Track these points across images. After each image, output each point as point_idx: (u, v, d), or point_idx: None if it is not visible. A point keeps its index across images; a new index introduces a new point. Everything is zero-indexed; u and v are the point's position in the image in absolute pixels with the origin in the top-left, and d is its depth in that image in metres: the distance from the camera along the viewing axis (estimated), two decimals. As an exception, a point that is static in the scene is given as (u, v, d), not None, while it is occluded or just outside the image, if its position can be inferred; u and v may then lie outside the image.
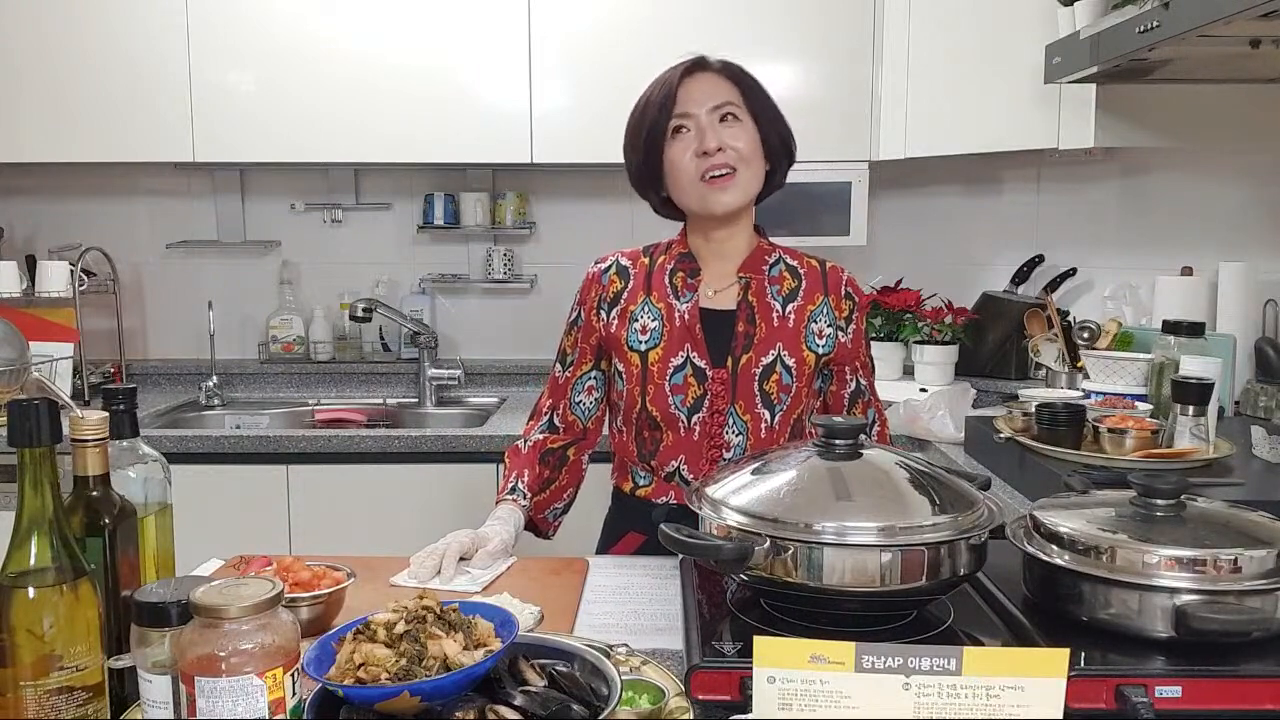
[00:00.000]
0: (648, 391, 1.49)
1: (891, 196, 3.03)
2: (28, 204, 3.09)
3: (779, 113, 1.51)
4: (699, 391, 1.48)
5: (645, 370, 1.49)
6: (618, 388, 1.55)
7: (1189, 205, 2.49)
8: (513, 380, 3.11)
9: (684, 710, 0.91)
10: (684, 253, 1.54)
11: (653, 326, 1.50)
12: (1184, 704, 0.89)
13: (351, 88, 2.68)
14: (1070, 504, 1.11)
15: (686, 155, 1.44)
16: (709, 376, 1.48)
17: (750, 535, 1.00)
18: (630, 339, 1.51)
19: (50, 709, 0.84)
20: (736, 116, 1.45)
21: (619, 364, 1.53)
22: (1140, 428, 1.74)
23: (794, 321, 1.50)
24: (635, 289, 1.53)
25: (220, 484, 2.45)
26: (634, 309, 1.52)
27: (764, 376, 1.48)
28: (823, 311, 1.51)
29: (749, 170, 1.45)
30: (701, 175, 1.43)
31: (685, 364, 1.48)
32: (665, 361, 1.49)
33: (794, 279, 1.53)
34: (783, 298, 1.51)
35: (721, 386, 1.47)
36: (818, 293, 1.52)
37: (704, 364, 1.48)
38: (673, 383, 1.48)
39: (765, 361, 1.48)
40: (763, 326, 1.49)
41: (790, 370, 1.48)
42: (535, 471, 1.57)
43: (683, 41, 1.62)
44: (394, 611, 0.87)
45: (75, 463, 0.94)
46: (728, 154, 1.43)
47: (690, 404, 1.48)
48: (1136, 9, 1.69)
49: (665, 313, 1.50)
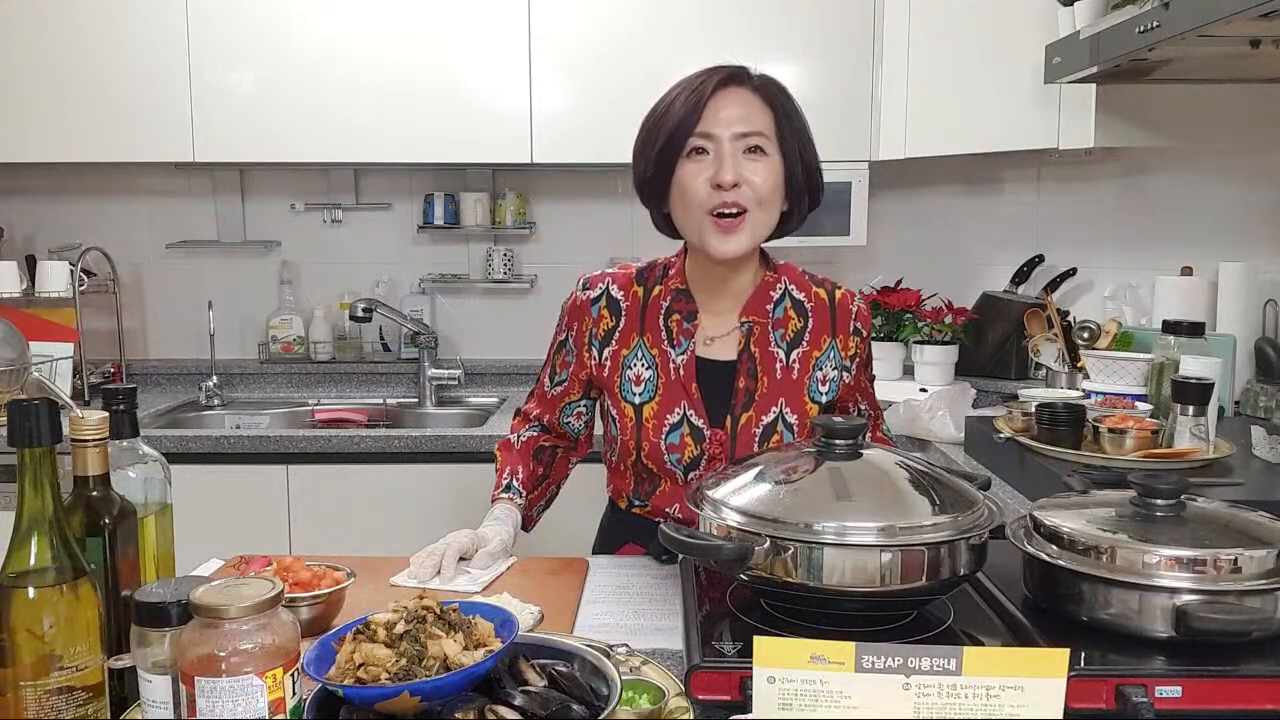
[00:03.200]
0: (643, 446, 1.42)
1: (891, 196, 3.03)
2: (28, 204, 3.09)
3: (811, 145, 1.38)
4: (696, 451, 1.40)
5: (640, 424, 1.42)
6: (611, 432, 1.48)
7: (1189, 205, 2.49)
8: (513, 380, 3.11)
9: (684, 710, 0.91)
10: (680, 289, 1.44)
11: (647, 377, 1.42)
12: (1184, 704, 0.89)
13: (351, 88, 2.68)
14: (1070, 504, 1.11)
15: (699, 180, 1.32)
16: (706, 437, 1.40)
17: (750, 535, 1.00)
18: (624, 390, 1.43)
19: (50, 709, 0.84)
20: (764, 150, 1.32)
21: (612, 409, 1.45)
22: (1140, 428, 1.73)
23: (798, 372, 1.42)
24: (628, 330, 1.44)
25: (220, 484, 2.45)
26: (626, 354, 1.43)
27: (764, 437, 1.40)
28: (829, 357, 1.44)
29: (762, 212, 1.34)
30: (710, 209, 1.32)
31: (681, 422, 1.41)
32: (661, 418, 1.41)
33: (799, 318, 1.44)
34: (786, 344, 1.42)
35: (720, 448, 1.40)
36: (824, 335, 1.44)
37: (701, 423, 1.40)
38: (669, 441, 1.41)
39: (766, 421, 1.41)
40: (764, 381, 1.41)
41: (792, 428, 1.41)
42: (529, 468, 1.55)
43: (682, 42, 1.61)
44: (394, 611, 0.87)
45: (75, 463, 0.94)
46: (742, 191, 1.31)
47: (687, 462, 1.41)
48: (1136, 9, 1.69)
49: (660, 362, 1.42)
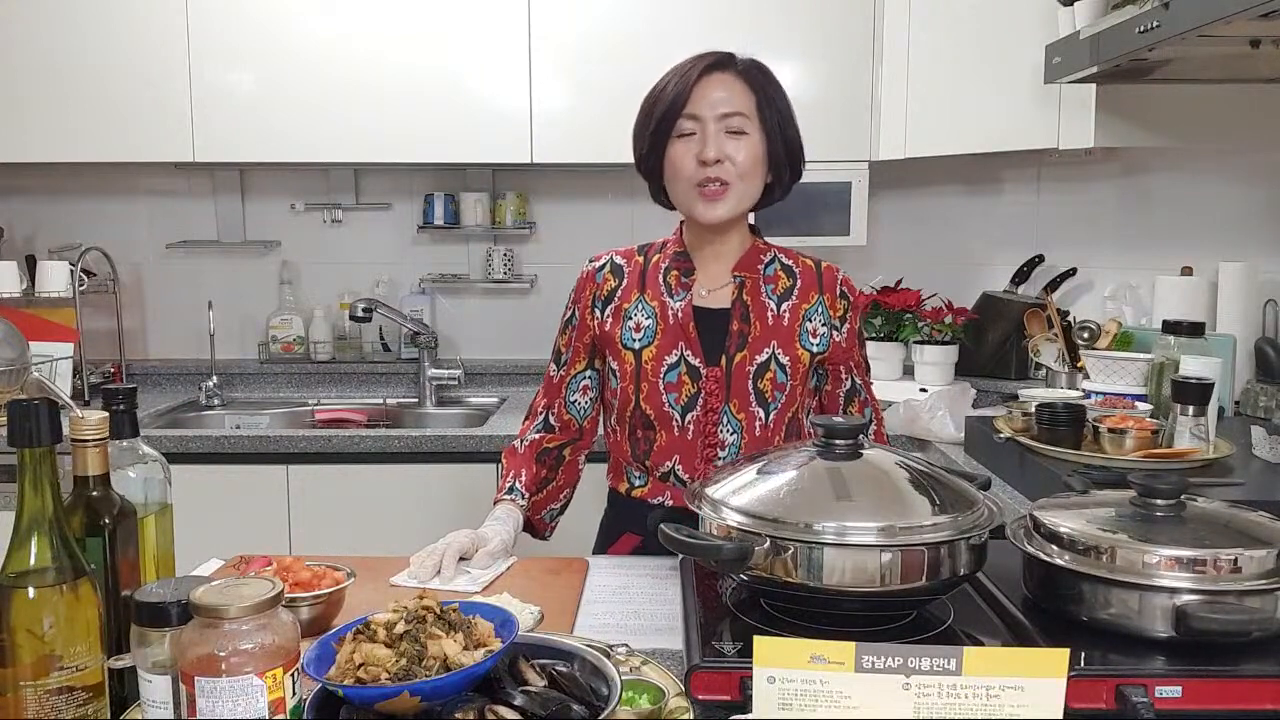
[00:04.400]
0: (641, 390, 1.49)
1: (891, 196, 3.03)
2: (28, 204, 3.09)
3: (793, 125, 1.49)
4: (693, 390, 1.47)
5: (639, 368, 1.49)
6: (611, 386, 1.54)
7: (1189, 205, 2.49)
8: (513, 380, 3.11)
9: (684, 710, 0.91)
10: (679, 251, 1.53)
11: (646, 324, 1.50)
12: (1184, 704, 0.89)
13: (351, 88, 2.68)
14: (1070, 504, 1.11)
15: (687, 158, 1.44)
16: (703, 375, 1.47)
17: (750, 535, 1.00)
18: (624, 337, 1.50)
19: (50, 709, 0.84)
20: (744, 130, 1.43)
21: (613, 362, 1.52)
22: (1140, 428, 1.74)
23: (788, 320, 1.49)
24: (629, 287, 1.53)
25: (220, 484, 2.45)
26: (628, 306, 1.51)
27: (758, 375, 1.47)
28: (817, 310, 1.51)
29: (744, 185, 1.45)
30: (696, 183, 1.43)
31: (679, 362, 1.48)
32: (659, 359, 1.48)
33: (789, 278, 1.52)
34: (777, 296, 1.50)
35: (715, 385, 1.47)
36: (813, 291, 1.52)
37: (698, 362, 1.47)
38: (666, 381, 1.48)
39: (759, 360, 1.47)
40: (757, 325, 1.48)
41: (784, 368, 1.48)
42: (532, 471, 1.57)
43: (682, 42, 1.61)
44: (394, 611, 0.87)
45: (75, 463, 0.94)
46: (725, 167, 1.42)
47: (684, 402, 1.48)
48: (1136, 9, 1.69)
49: (659, 310, 1.50)
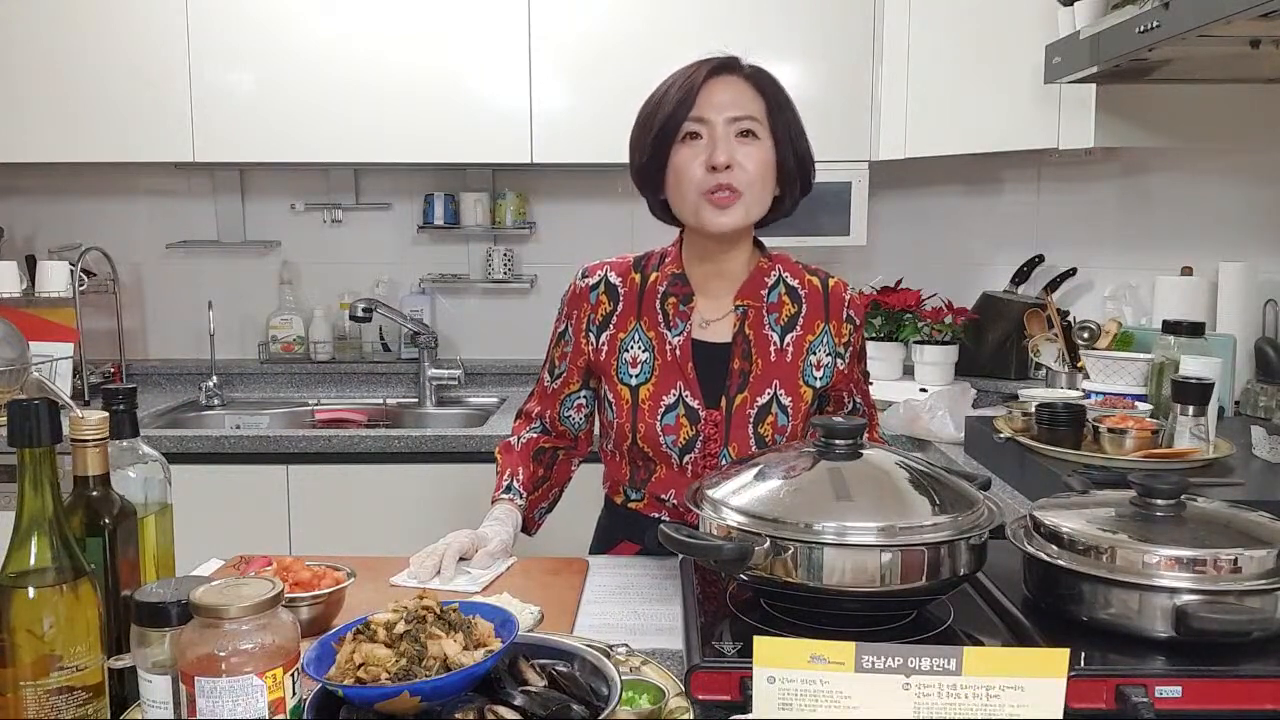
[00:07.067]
0: (638, 429, 1.43)
1: (891, 196, 3.03)
2: (28, 204, 3.09)
3: (803, 135, 1.42)
4: (691, 432, 1.42)
5: (636, 406, 1.43)
6: (608, 417, 1.49)
7: (1189, 205, 2.49)
8: (513, 380, 3.11)
9: (684, 710, 0.91)
10: (677, 273, 1.46)
11: (643, 359, 1.44)
12: (1184, 704, 0.89)
13: (351, 88, 2.68)
14: (1070, 504, 1.11)
15: (694, 164, 1.36)
16: (702, 418, 1.42)
17: (750, 535, 1.00)
18: (620, 372, 1.45)
19: (50, 709, 0.84)
20: (755, 134, 1.36)
21: (609, 393, 1.47)
22: (1140, 428, 1.73)
23: (792, 354, 1.44)
24: (625, 313, 1.46)
25: (220, 484, 2.45)
26: (624, 337, 1.46)
27: (759, 419, 1.42)
28: (822, 341, 1.46)
29: (754, 194, 1.37)
30: (704, 190, 1.36)
31: (677, 403, 1.42)
32: (656, 399, 1.43)
33: (794, 304, 1.46)
34: (780, 328, 1.45)
35: (715, 429, 1.42)
36: (818, 320, 1.46)
37: (696, 404, 1.42)
38: (664, 422, 1.42)
39: (760, 402, 1.42)
40: (759, 363, 1.43)
41: (786, 411, 1.43)
42: (529, 470, 1.54)
43: (682, 41, 1.61)
44: (394, 611, 0.87)
45: (75, 463, 0.94)
46: (735, 174, 1.35)
47: (682, 444, 1.42)
48: (1136, 9, 1.69)
49: (656, 344, 1.44)
